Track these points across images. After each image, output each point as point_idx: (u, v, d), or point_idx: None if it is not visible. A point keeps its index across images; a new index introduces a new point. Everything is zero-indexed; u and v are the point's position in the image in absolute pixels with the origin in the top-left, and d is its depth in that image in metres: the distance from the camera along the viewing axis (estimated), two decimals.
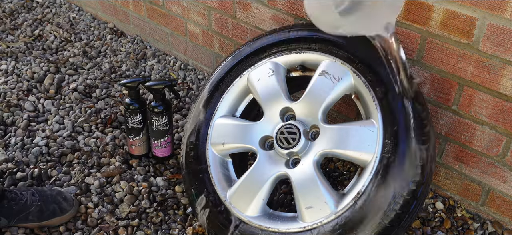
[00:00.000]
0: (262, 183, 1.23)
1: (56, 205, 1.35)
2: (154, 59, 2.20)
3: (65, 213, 1.35)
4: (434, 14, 1.26)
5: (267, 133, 1.30)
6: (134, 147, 1.58)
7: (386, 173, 1.08)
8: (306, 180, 1.18)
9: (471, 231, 1.39)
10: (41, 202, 1.33)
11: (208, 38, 1.96)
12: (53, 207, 1.34)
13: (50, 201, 1.35)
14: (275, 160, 1.26)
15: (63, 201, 1.37)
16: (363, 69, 1.20)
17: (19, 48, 2.21)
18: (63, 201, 1.37)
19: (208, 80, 1.45)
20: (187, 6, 1.96)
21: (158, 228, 1.37)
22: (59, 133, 1.70)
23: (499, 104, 1.25)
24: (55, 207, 1.34)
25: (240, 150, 1.35)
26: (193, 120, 1.41)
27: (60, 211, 1.35)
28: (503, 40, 1.17)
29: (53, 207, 1.34)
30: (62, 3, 2.67)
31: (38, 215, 1.32)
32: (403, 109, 1.12)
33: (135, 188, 1.48)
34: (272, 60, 1.35)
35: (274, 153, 1.27)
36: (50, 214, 1.33)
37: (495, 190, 1.37)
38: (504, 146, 1.29)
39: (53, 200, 1.35)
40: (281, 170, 1.23)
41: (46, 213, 1.33)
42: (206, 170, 1.33)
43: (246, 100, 1.42)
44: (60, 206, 1.35)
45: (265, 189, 1.23)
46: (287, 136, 1.23)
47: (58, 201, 1.36)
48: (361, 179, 1.13)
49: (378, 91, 1.16)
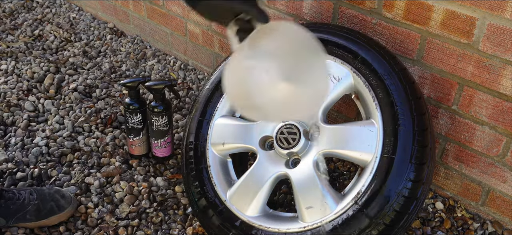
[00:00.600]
0: (262, 183, 1.23)
1: (54, 203, 1.34)
2: (154, 59, 2.20)
3: (63, 210, 1.35)
4: (434, 14, 1.26)
5: (267, 133, 1.30)
6: (134, 147, 1.58)
7: (386, 173, 1.08)
8: (306, 180, 1.18)
9: (471, 231, 1.39)
10: (38, 201, 1.33)
11: (208, 38, 1.96)
12: (51, 205, 1.33)
13: (47, 199, 1.34)
14: (275, 160, 1.26)
15: (60, 199, 1.36)
16: (363, 69, 1.20)
17: (19, 48, 2.21)
18: (61, 199, 1.36)
19: (208, 80, 1.45)
20: (187, 6, 1.96)
21: (158, 228, 1.37)
22: (59, 133, 1.70)
23: (499, 104, 1.25)
24: (53, 205, 1.34)
25: (240, 150, 1.35)
26: (193, 120, 1.41)
27: (58, 208, 1.34)
28: (503, 40, 1.17)
29: (50, 205, 1.33)
30: (62, 3, 2.67)
31: (36, 214, 1.31)
32: (402, 110, 1.12)
33: (135, 188, 1.48)
34: None
35: (274, 153, 1.27)
36: (48, 212, 1.32)
37: (495, 190, 1.37)
38: (504, 146, 1.29)
39: (51, 198, 1.35)
40: (281, 170, 1.23)
41: (43, 211, 1.32)
42: (206, 170, 1.33)
43: None
44: (58, 204, 1.34)
45: (265, 189, 1.23)
46: (287, 136, 1.23)
47: (56, 199, 1.35)
48: (361, 179, 1.13)
49: (378, 92, 1.17)
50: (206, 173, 1.33)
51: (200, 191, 1.31)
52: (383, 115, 1.14)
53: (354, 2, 1.40)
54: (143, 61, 2.19)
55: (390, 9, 1.34)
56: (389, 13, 1.34)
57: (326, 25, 1.34)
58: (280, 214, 1.25)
